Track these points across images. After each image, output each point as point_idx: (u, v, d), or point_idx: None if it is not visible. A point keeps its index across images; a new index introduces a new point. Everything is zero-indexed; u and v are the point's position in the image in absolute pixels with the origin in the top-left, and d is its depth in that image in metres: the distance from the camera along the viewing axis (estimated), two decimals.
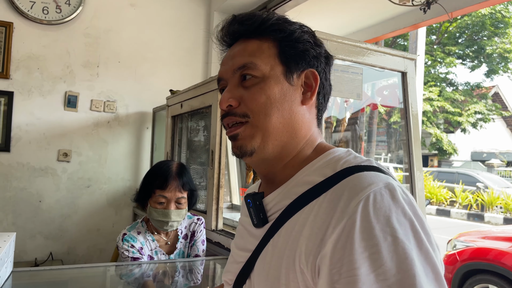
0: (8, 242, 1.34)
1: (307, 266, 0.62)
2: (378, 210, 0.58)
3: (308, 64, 0.77)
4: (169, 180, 1.73)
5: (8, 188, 2.98)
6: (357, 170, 0.66)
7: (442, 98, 14.05)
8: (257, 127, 0.73)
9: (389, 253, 0.55)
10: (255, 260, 0.73)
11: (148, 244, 1.80)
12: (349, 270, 0.56)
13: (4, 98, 2.97)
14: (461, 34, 14.62)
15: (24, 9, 2.98)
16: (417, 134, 1.72)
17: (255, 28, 0.77)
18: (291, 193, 0.71)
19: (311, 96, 0.76)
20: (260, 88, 0.74)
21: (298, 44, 0.76)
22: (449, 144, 14.66)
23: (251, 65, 0.75)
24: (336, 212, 0.61)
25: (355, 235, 0.57)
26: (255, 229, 0.77)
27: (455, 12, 2.74)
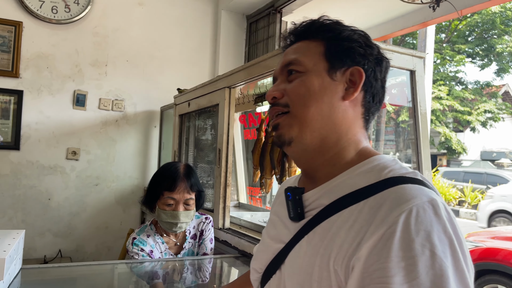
0: (17, 240, 1.35)
1: (341, 267, 0.63)
2: (419, 224, 0.59)
3: (353, 62, 0.78)
4: (177, 182, 1.73)
5: (17, 186, 3.01)
6: (402, 182, 0.66)
7: (451, 97, 13.93)
8: (296, 117, 0.76)
9: (425, 267, 0.57)
10: (288, 253, 0.75)
11: (158, 247, 1.81)
12: (382, 276, 0.58)
13: (14, 96, 3.00)
14: (471, 32, 14.48)
15: (34, 9, 3.01)
16: (426, 133, 1.70)
17: (304, 30, 0.83)
18: (331, 194, 0.73)
19: (354, 92, 0.77)
20: (301, 81, 0.77)
21: (344, 42, 0.78)
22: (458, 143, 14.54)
23: (295, 61, 0.79)
24: (375, 219, 0.62)
25: (393, 244, 0.58)
26: (291, 222, 0.78)
27: (465, 10, 2.71)
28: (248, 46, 3.58)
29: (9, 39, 2.97)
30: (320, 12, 0.87)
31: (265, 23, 3.35)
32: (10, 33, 2.98)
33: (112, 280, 1.55)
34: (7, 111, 2.99)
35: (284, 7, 3.17)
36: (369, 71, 0.78)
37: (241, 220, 2.23)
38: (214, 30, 3.65)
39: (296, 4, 3.10)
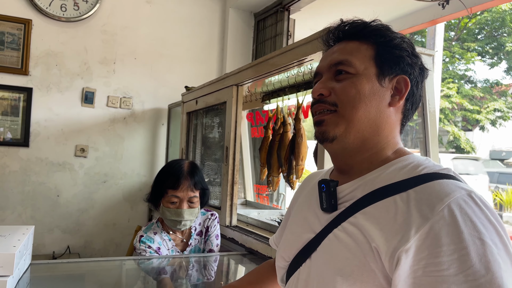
0: (27, 235, 1.37)
1: (385, 253, 0.66)
2: (464, 215, 0.62)
3: (401, 70, 0.81)
4: (181, 180, 1.74)
5: (27, 183, 3.04)
6: (437, 177, 0.70)
7: (460, 95, 13.81)
8: (343, 117, 0.79)
9: (477, 255, 0.59)
10: (320, 242, 0.78)
11: (165, 244, 1.82)
12: (436, 270, 0.60)
13: (23, 94, 3.02)
14: (481, 30, 14.33)
15: (43, 6, 3.03)
16: (434, 131, 1.69)
17: (358, 30, 0.84)
18: (366, 187, 0.76)
19: (399, 100, 0.81)
20: (352, 82, 0.79)
21: (394, 50, 0.81)
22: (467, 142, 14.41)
23: (346, 62, 0.81)
24: (419, 213, 0.65)
25: (443, 238, 0.61)
26: (322, 213, 0.81)
27: (475, 8, 2.69)
28: (255, 44, 3.57)
29: (18, 37, 3.00)
30: (329, 9, 0.86)
31: (272, 21, 3.35)
32: (19, 31, 3.00)
33: (120, 276, 1.56)
34: (16, 108, 3.02)
35: (292, 4, 3.16)
36: (414, 80, 0.82)
37: (248, 217, 2.24)
38: (222, 28, 3.65)
39: (304, 1, 3.10)
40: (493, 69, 14.91)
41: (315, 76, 0.88)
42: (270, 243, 1.11)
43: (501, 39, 13.95)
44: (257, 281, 1.08)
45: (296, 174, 2.03)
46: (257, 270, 1.14)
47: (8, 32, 2.97)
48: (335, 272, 0.72)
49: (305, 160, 2.03)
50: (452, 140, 14.47)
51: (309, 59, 1.65)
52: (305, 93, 2.07)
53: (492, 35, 14.20)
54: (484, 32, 14.35)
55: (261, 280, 1.09)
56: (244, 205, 3.04)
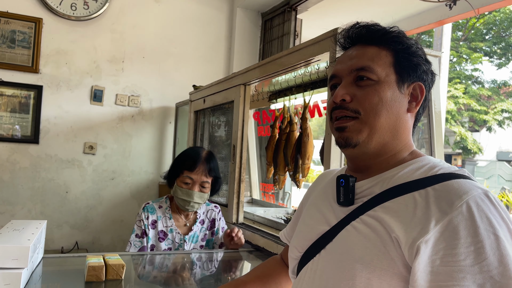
0: (40, 229, 1.41)
1: (405, 244, 0.70)
2: (481, 212, 0.68)
3: (418, 77, 0.85)
4: (198, 163, 1.86)
5: (37, 179, 3.09)
6: (454, 177, 0.75)
7: (468, 96, 13.73)
8: (366, 123, 0.82)
9: (492, 249, 0.65)
10: (335, 234, 0.82)
11: (164, 221, 1.92)
12: (453, 260, 0.65)
13: (34, 91, 3.07)
14: (489, 31, 14.24)
15: (53, 6, 3.07)
16: (440, 132, 1.71)
17: (378, 36, 0.86)
18: (383, 184, 0.80)
19: (416, 106, 0.85)
20: (375, 90, 0.82)
21: (412, 58, 0.85)
22: (474, 143, 14.33)
23: (369, 69, 0.83)
24: (438, 208, 0.70)
25: (460, 232, 0.66)
26: (338, 206, 0.85)
27: (482, 9, 2.69)
28: (262, 44, 3.60)
29: (29, 35, 3.05)
30: (334, 11, 0.88)
31: (280, 20, 3.37)
32: (30, 30, 3.05)
33: (129, 271, 1.60)
34: (27, 105, 3.07)
35: (299, 4, 3.18)
36: (427, 86, 0.87)
37: (255, 215, 2.26)
38: (229, 27, 3.68)
39: (311, 2, 3.11)
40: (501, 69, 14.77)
41: (331, 79, 0.89)
42: (281, 237, 1.14)
43: (509, 39, 13.85)
44: (264, 275, 1.11)
45: (302, 173, 2.06)
46: (263, 264, 1.17)
47: (19, 31, 3.02)
48: (354, 260, 0.75)
49: (311, 159, 2.05)
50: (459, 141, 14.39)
51: (317, 60, 1.68)
52: (311, 92, 2.10)
53: (500, 35, 14.10)
54: (492, 33, 14.25)
55: (268, 274, 1.11)
56: (250, 203, 3.07)
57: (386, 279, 0.71)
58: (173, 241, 1.90)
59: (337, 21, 1.06)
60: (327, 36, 1.55)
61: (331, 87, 0.89)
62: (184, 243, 1.91)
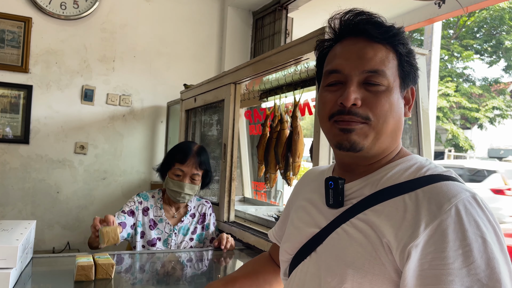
0: (29, 229, 1.40)
1: (396, 249, 0.71)
2: (469, 215, 0.68)
3: (412, 81, 0.85)
4: (188, 156, 1.93)
5: (27, 179, 3.07)
6: (442, 179, 0.75)
7: (459, 94, 13.83)
8: (374, 129, 0.79)
9: (479, 252, 0.66)
10: (325, 237, 0.82)
11: (155, 210, 1.98)
12: (442, 264, 0.66)
13: (24, 91, 3.05)
14: (479, 29, 14.34)
15: (43, 5, 3.05)
16: (427, 129, 1.72)
17: (387, 36, 0.81)
18: (372, 186, 0.80)
19: (409, 109, 0.86)
20: (386, 96, 0.80)
21: (412, 62, 0.84)
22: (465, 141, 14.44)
23: (382, 74, 0.79)
24: (428, 211, 0.70)
25: (449, 235, 0.67)
26: (328, 208, 0.85)
27: (471, 7, 2.71)
28: (254, 42, 3.60)
29: (18, 35, 3.02)
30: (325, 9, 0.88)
31: (271, 19, 3.37)
32: (19, 29, 3.02)
33: (119, 270, 1.59)
34: (16, 105, 3.04)
35: (290, 3, 3.19)
36: (415, 87, 0.87)
37: (246, 214, 2.27)
38: (220, 26, 3.68)
39: (302, 0, 3.12)
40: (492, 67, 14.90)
41: (331, 73, 0.83)
42: (269, 236, 1.14)
43: (500, 37, 13.97)
44: (253, 272, 1.12)
45: (293, 171, 2.07)
46: (253, 261, 1.18)
47: (8, 30, 3.00)
48: (346, 265, 0.76)
49: (302, 157, 2.06)
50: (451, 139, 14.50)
51: (306, 58, 1.69)
52: (301, 91, 2.10)
53: (491, 33, 14.21)
54: (483, 30, 14.36)
55: (258, 271, 1.12)
56: (242, 201, 3.07)
57: (377, 284, 0.72)
58: (162, 231, 1.96)
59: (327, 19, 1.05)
60: (315, 35, 1.55)
61: (330, 84, 0.83)
62: (173, 233, 1.96)
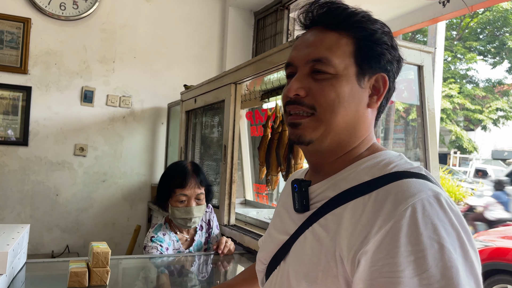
0: (22, 234, 1.36)
1: (347, 258, 0.64)
2: (426, 218, 0.60)
3: (381, 68, 0.76)
4: (188, 178, 1.79)
5: (26, 182, 3.04)
6: (406, 176, 0.67)
7: (462, 95, 13.76)
8: (322, 121, 0.74)
9: (434, 260, 0.57)
10: (292, 244, 0.76)
11: (173, 244, 1.85)
12: (392, 271, 0.58)
13: (23, 93, 3.02)
14: (483, 30, 14.28)
15: (42, 5, 3.02)
16: (434, 130, 1.67)
17: (339, 20, 0.76)
18: (336, 187, 0.73)
19: (377, 100, 0.77)
20: (331, 85, 0.73)
21: (376, 46, 0.75)
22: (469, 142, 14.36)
23: (325, 61, 0.74)
24: (382, 213, 0.62)
25: (401, 239, 0.59)
26: (295, 213, 0.79)
27: (475, 6, 2.66)
28: (255, 43, 3.56)
29: (17, 36, 2.99)
30: None
31: (272, 19, 3.33)
32: (18, 30, 2.99)
33: (116, 275, 1.55)
34: (15, 107, 3.01)
35: (291, 3, 3.15)
36: (392, 76, 0.77)
37: (247, 217, 2.22)
38: (221, 26, 3.64)
39: (304, 0, 3.08)
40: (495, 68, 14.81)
41: (287, 66, 0.80)
42: (259, 245, 1.10)
43: (503, 38, 13.91)
44: (251, 278, 1.08)
45: None
46: (251, 267, 1.13)
47: (7, 31, 2.97)
48: (301, 277, 0.71)
49: (304, 159, 2.01)
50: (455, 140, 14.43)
51: None
52: None
53: (494, 34, 14.15)
54: (486, 32, 14.30)
55: (255, 277, 1.08)
56: (244, 204, 3.03)
57: None
58: None
59: None
60: None
61: (287, 76, 0.80)
62: None
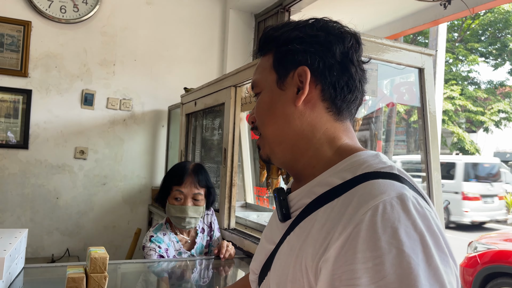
0: (19, 239, 1.35)
1: (311, 268, 0.62)
2: (385, 221, 0.56)
3: (296, 63, 0.74)
4: (185, 176, 1.81)
5: (26, 185, 3.03)
6: (373, 177, 0.63)
7: (464, 97, 13.74)
8: (263, 137, 0.79)
9: (392, 266, 0.54)
10: (275, 254, 0.75)
11: (173, 245, 1.84)
12: (350, 278, 0.55)
13: (23, 96, 3.01)
14: (484, 31, 14.27)
15: (42, 8, 3.02)
16: (435, 132, 1.66)
17: (259, 47, 0.81)
18: (311, 193, 0.71)
19: (301, 94, 0.73)
20: (257, 102, 0.79)
21: (283, 48, 0.75)
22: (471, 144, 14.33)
23: (254, 84, 0.81)
24: (343, 218, 0.60)
25: (358, 244, 0.56)
26: (280, 223, 0.78)
27: (476, 8, 2.66)
28: (256, 45, 3.55)
29: (18, 39, 2.99)
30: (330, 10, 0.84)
31: (273, 22, 3.32)
32: (19, 33, 2.99)
33: (115, 280, 1.54)
34: (16, 110, 3.01)
35: (292, 5, 3.14)
36: (316, 63, 0.72)
37: (247, 220, 2.21)
38: (222, 29, 3.63)
39: (305, 2, 3.07)
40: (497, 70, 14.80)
41: None
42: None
43: (504, 39, 13.89)
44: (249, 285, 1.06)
45: None
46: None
47: (8, 34, 2.97)
48: (275, 287, 0.70)
49: None
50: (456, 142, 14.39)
51: None
52: None
53: (496, 36, 14.13)
54: (488, 33, 14.29)
55: None
56: (244, 207, 3.01)
57: None
58: None
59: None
60: None
61: None
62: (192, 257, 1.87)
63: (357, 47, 0.76)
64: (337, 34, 0.74)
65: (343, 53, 0.73)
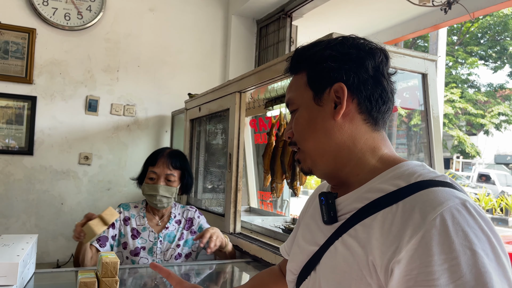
0: (31, 244, 1.37)
1: (380, 266, 0.66)
2: (456, 225, 0.62)
3: (332, 80, 0.79)
4: (159, 157, 1.94)
5: (31, 191, 3.05)
6: (432, 185, 0.68)
7: (464, 100, 13.77)
8: (303, 152, 0.83)
9: (468, 266, 0.59)
10: (322, 254, 0.78)
11: (138, 219, 1.95)
12: (427, 279, 0.60)
13: (28, 102, 3.04)
14: (483, 35, 14.32)
15: (47, 16, 3.05)
16: (438, 136, 1.68)
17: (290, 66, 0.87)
18: (363, 198, 0.75)
19: (340, 109, 0.78)
20: (296, 119, 0.84)
21: (318, 66, 0.81)
22: (472, 147, 14.34)
23: (289, 101, 0.86)
24: (411, 222, 0.64)
25: (434, 248, 0.61)
26: (324, 225, 0.81)
27: (477, 12, 2.69)
28: (258, 51, 3.58)
29: (22, 46, 3.02)
30: (332, 15, 0.86)
31: (275, 27, 3.36)
32: (24, 40, 3.02)
33: (124, 285, 1.55)
34: (21, 116, 3.03)
35: (294, 11, 3.17)
36: (351, 79, 0.78)
37: (252, 224, 2.23)
38: (224, 35, 3.66)
39: (307, 8, 3.10)
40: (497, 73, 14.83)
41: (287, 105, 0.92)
42: (281, 251, 1.11)
43: (504, 43, 13.93)
44: (261, 285, 1.08)
45: (299, 181, 2.03)
46: (260, 274, 1.14)
47: (13, 41, 3.00)
48: (334, 285, 0.73)
49: None
50: (457, 145, 14.40)
51: None
52: None
53: (495, 39, 14.17)
54: (487, 36, 14.33)
55: (265, 284, 1.08)
56: (248, 211, 3.03)
57: None
58: (146, 240, 1.91)
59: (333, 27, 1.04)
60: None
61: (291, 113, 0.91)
62: (158, 241, 1.91)
63: (385, 61, 0.81)
64: (367, 50, 0.80)
65: (374, 68, 0.79)
